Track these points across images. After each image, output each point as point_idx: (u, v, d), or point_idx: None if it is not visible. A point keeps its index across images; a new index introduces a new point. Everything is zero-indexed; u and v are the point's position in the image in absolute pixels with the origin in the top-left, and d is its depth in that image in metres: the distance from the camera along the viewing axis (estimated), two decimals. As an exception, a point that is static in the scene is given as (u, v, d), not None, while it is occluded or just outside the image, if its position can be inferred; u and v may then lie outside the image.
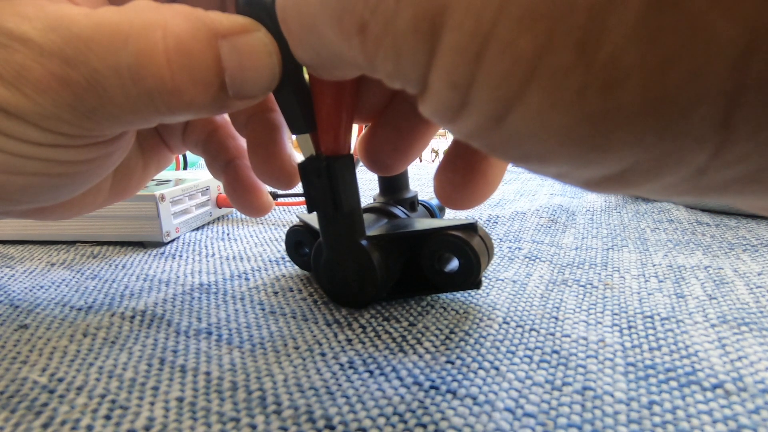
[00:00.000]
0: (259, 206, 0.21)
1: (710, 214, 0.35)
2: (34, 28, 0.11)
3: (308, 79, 0.15)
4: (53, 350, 0.17)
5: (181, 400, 0.14)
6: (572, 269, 0.25)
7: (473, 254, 0.19)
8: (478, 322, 0.19)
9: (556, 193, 0.46)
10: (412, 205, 0.25)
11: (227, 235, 0.33)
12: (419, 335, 0.18)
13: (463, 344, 0.17)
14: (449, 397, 0.14)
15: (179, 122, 0.20)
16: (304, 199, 0.23)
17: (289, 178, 0.18)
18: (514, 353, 0.16)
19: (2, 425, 0.13)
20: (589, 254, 0.27)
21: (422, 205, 0.27)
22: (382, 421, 0.13)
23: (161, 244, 0.31)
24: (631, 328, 0.18)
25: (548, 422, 0.13)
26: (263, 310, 0.21)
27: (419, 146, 0.18)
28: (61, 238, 0.31)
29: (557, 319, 0.19)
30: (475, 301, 0.21)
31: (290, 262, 0.27)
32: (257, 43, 0.13)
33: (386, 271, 0.19)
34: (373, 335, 0.18)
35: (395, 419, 0.13)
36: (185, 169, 0.58)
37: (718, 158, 0.06)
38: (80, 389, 0.15)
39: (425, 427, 0.13)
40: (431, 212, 0.27)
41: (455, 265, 0.20)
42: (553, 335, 0.18)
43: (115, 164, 0.17)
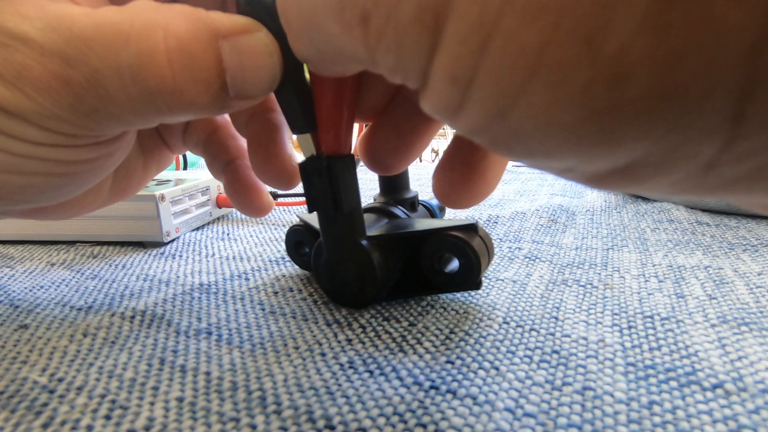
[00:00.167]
0: (259, 206, 0.21)
1: (710, 214, 0.35)
2: (34, 27, 0.11)
3: (309, 78, 0.15)
4: (53, 350, 0.17)
5: (181, 400, 0.14)
6: (572, 269, 0.25)
7: (473, 254, 0.19)
8: (478, 322, 0.19)
9: (556, 193, 0.46)
10: (412, 205, 0.25)
11: (227, 235, 0.33)
12: (419, 335, 0.18)
13: (463, 344, 0.17)
14: (449, 397, 0.14)
15: (180, 122, 0.20)
16: (304, 199, 0.23)
17: (289, 178, 0.18)
18: (514, 353, 0.16)
19: (2, 425, 0.13)
20: (589, 254, 0.27)
21: (422, 205, 0.27)
22: (382, 421, 0.13)
23: (161, 244, 0.31)
24: (631, 328, 0.18)
25: (548, 422, 0.13)
26: (263, 310, 0.21)
27: (420, 146, 0.18)
28: (61, 238, 0.31)
29: (557, 319, 0.19)
30: (475, 301, 0.21)
31: (290, 262, 0.27)
32: (258, 43, 0.13)
33: (386, 271, 0.19)
34: (373, 335, 0.18)
35: (395, 419, 0.13)
36: (185, 169, 0.58)
37: (727, 152, 0.06)
38: (80, 389, 0.15)
39: (425, 427, 0.13)
40: (431, 212, 0.27)
41: (455, 265, 0.20)
42: (553, 335, 0.18)
43: (115, 164, 0.17)
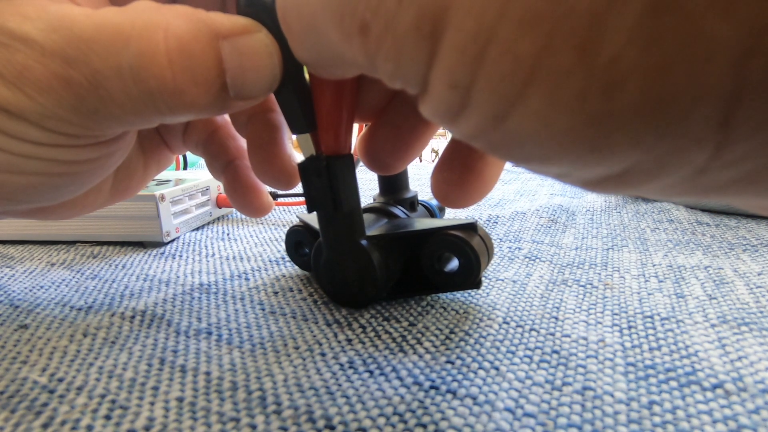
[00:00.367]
0: (259, 206, 0.21)
1: (710, 214, 0.35)
2: (35, 28, 0.12)
3: (308, 78, 0.15)
4: (53, 350, 0.17)
5: (181, 400, 0.14)
6: (572, 269, 0.25)
7: (473, 254, 0.19)
8: (478, 322, 0.19)
9: (556, 193, 0.46)
10: (412, 205, 0.25)
11: (227, 235, 0.33)
12: (419, 335, 0.18)
13: (463, 344, 0.17)
14: (449, 397, 0.14)
15: (180, 123, 0.20)
16: (304, 199, 0.23)
17: (289, 178, 0.18)
18: (514, 353, 0.16)
19: (2, 425, 0.13)
20: (589, 254, 0.27)
21: (422, 205, 0.27)
22: (382, 421, 0.13)
23: (161, 244, 0.31)
24: (631, 328, 0.18)
25: (548, 422, 0.13)
26: (263, 310, 0.21)
27: (419, 146, 0.18)
28: (61, 238, 0.31)
29: (557, 319, 0.19)
30: (475, 301, 0.21)
31: (290, 262, 0.27)
32: (258, 43, 0.13)
33: (386, 271, 0.19)
34: (373, 335, 0.18)
35: (395, 419, 0.13)
36: (185, 169, 0.58)
37: (717, 158, 0.06)
38: (80, 389, 0.15)
39: (425, 427, 0.13)
40: (431, 212, 0.27)
41: (455, 265, 0.20)
42: (553, 335, 0.18)
43: (116, 164, 0.17)
